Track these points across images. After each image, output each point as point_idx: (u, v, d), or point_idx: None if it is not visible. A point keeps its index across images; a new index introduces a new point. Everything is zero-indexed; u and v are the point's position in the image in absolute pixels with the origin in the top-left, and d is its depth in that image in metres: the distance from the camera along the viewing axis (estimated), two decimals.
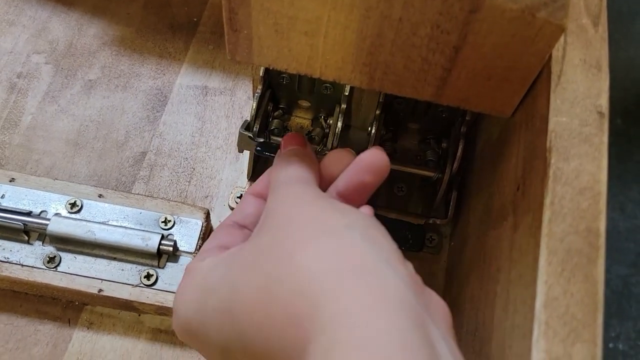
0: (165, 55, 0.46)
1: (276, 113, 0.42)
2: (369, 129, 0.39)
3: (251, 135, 0.38)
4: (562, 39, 0.28)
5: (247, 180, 0.41)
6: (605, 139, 0.26)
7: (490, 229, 0.31)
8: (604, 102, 0.26)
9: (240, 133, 0.38)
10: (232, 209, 0.40)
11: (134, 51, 0.46)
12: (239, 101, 0.44)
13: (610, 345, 1.02)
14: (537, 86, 0.28)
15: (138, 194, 0.39)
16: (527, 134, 0.28)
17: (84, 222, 0.35)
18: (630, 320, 1.03)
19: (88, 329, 0.36)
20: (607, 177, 0.25)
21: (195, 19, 0.48)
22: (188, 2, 0.49)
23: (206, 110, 0.44)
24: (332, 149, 0.38)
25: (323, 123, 0.42)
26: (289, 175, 0.27)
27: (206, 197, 0.40)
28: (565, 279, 0.23)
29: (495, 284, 0.29)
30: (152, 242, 0.34)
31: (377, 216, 0.38)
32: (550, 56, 0.27)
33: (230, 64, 0.46)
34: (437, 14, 0.26)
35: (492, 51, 0.27)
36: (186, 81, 0.45)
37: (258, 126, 0.39)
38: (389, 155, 0.41)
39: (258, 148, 0.37)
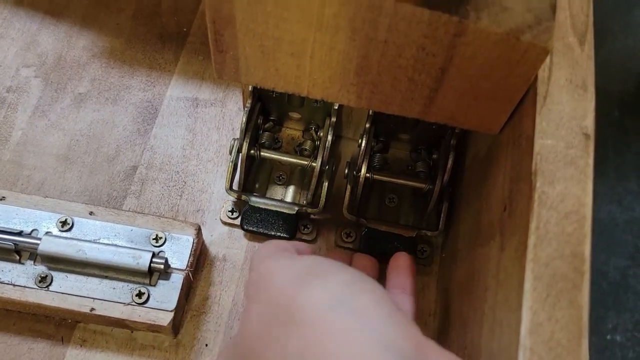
0: (155, 67, 0.46)
1: (267, 125, 0.42)
2: (360, 140, 0.39)
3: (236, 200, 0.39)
4: (548, 59, 0.28)
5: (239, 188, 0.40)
6: (590, 161, 0.26)
7: (479, 245, 0.31)
8: (589, 123, 0.26)
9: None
10: (223, 223, 0.40)
11: (123, 63, 0.46)
12: (230, 112, 0.44)
13: (608, 337, 1.02)
14: (523, 106, 0.28)
15: (129, 210, 0.39)
16: (513, 154, 0.28)
17: (75, 241, 0.35)
18: (628, 312, 1.04)
19: (81, 346, 0.36)
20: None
21: (184, 29, 0.48)
22: (177, 11, 0.49)
23: (197, 122, 0.44)
24: (322, 161, 0.38)
25: (314, 135, 0.42)
26: None
27: (198, 210, 0.40)
28: (550, 304, 0.23)
29: (483, 302, 0.29)
30: (143, 261, 0.34)
31: (369, 229, 0.39)
32: (536, 76, 0.27)
33: None
34: (422, 37, 0.26)
35: (478, 72, 0.27)
36: (176, 93, 0.45)
37: (248, 140, 0.39)
38: (381, 167, 0.41)
39: (244, 227, 0.39)
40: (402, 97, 0.30)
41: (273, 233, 0.39)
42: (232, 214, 0.40)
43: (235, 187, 0.40)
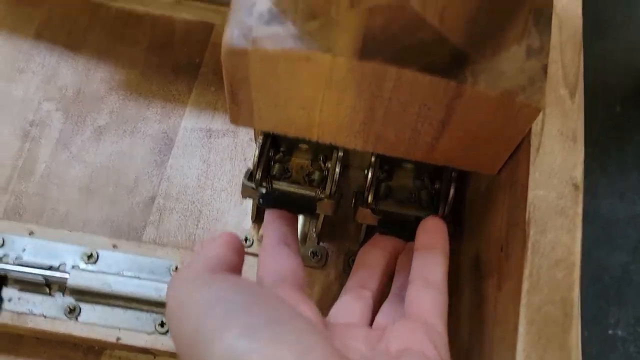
0: (170, 98, 0.48)
1: (277, 156, 0.45)
2: (366, 171, 0.41)
3: (253, 186, 0.40)
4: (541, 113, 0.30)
5: (251, 222, 0.43)
6: (579, 210, 0.28)
7: (480, 279, 0.34)
8: (578, 174, 0.28)
9: (243, 183, 0.40)
10: None
11: (139, 95, 0.48)
12: (242, 143, 0.47)
13: (610, 331, 1.05)
14: (518, 154, 0.31)
15: (149, 242, 0.41)
16: (510, 198, 0.31)
17: (101, 275, 0.37)
18: (630, 306, 1.06)
19: None
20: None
21: (197, 60, 0.50)
22: (189, 43, 0.51)
23: (210, 152, 0.46)
24: (330, 193, 0.40)
25: (322, 165, 0.44)
26: None
27: None
28: (542, 347, 0.25)
29: (481, 335, 0.31)
30: (164, 293, 0.37)
31: None
32: (530, 128, 0.29)
33: None
34: (423, 96, 0.28)
35: (476, 125, 0.29)
36: (190, 124, 0.47)
37: (260, 173, 0.41)
38: (386, 195, 0.44)
39: (260, 200, 0.40)
40: (406, 145, 0.32)
41: None
42: (246, 242, 0.42)
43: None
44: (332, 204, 0.41)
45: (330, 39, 0.26)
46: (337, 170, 0.41)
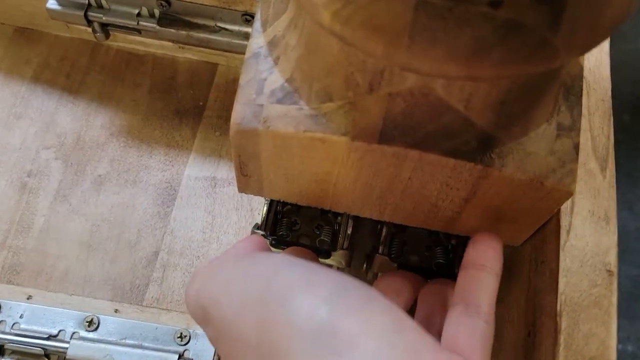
0: (173, 145, 0.46)
1: (285, 209, 0.43)
2: (378, 226, 0.40)
3: (264, 234, 0.38)
4: None
5: None
6: (614, 300, 0.26)
7: (502, 356, 0.32)
8: (612, 259, 0.27)
9: (253, 232, 0.39)
10: None
11: (141, 142, 0.46)
12: None
13: (619, 346, 1.03)
14: (545, 230, 0.29)
15: (152, 302, 0.40)
16: (537, 279, 0.29)
17: (103, 345, 0.35)
18: None
19: None
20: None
21: (200, 103, 0.48)
22: (192, 85, 0.49)
23: (215, 203, 0.44)
24: (342, 248, 0.39)
25: (332, 219, 0.42)
26: None
27: None
28: None
29: None
30: None
31: None
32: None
33: None
34: (446, 177, 0.26)
35: (501, 204, 0.27)
36: (194, 172, 0.45)
37: (270, 230, 0.39)
38: (398, 252, 0.42)
39: (273, 242, 0.38)
40: (424, 217, 0.30)
41: None
42: None
43: None
44: (346, 256, 0.39)
45: (348, 122, 0.25)
46: (350, 228, 0.39)
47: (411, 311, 0.32)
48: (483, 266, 0.26)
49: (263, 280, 0.21)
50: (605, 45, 0.31)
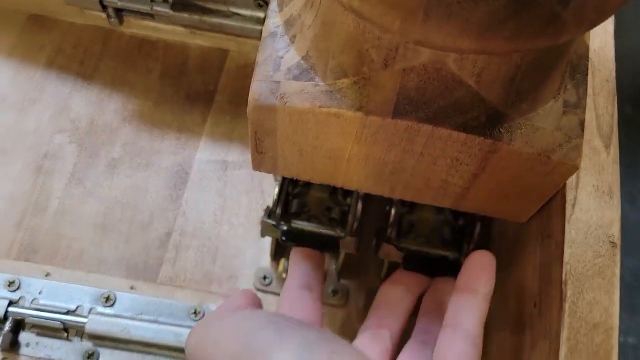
0: (184, 129, 0.47)
1: (296, 191, 0.44)
2: (388, 207, 0.40)
3: (275, 224, 0.39)
4: None
5: (271, 260, 0.42)
6: (617, 270, 0.27)
7: (509, 333, 0.33)
8: (615, 231, 0.28)
9: (264, 222, 0.40)
10: (257, 290, 0.41)
11: (153, 126, 0.47)
12: (258, 175, 0.46)
13: (620, 339, 1.03)
14: (551, 205, 0.30)
15: (167, 281, 0.41)
16: (543, 253, 0.30)
17: (120, 320, 0.37)
18: None
19: None
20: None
21: (211, 88, 0.49)
22: (203, 70, 0.50)
23: (227, 186, 0.45)
24: (352, 231, 0.40)
25: (342, 200, 0.43)
26: None
27: (231, 277, 0.42)
28: None
29: None
30: (183, 338, 0.36)
31: None
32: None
33: (248, 136, 0.47)
34: (457, 152, 0.27)
35: (509, 179, 0.28)
36: (206, 156, 0.46)
37: (281, 211, 0.40)
38: (408, 231, 0.43)
39: (283, 238, 0.39)
40: (434, 194, 0.31)
41: None
42: (265, 281, 0.41)
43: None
44: (355, 242, 0.40)
45: (362, 97, 0.26)
46: (360, 208, 0.40)
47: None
48: (475, 291, 0.29)
49: (243, 340, 0.26)
50: (610, 27, 0.32)
